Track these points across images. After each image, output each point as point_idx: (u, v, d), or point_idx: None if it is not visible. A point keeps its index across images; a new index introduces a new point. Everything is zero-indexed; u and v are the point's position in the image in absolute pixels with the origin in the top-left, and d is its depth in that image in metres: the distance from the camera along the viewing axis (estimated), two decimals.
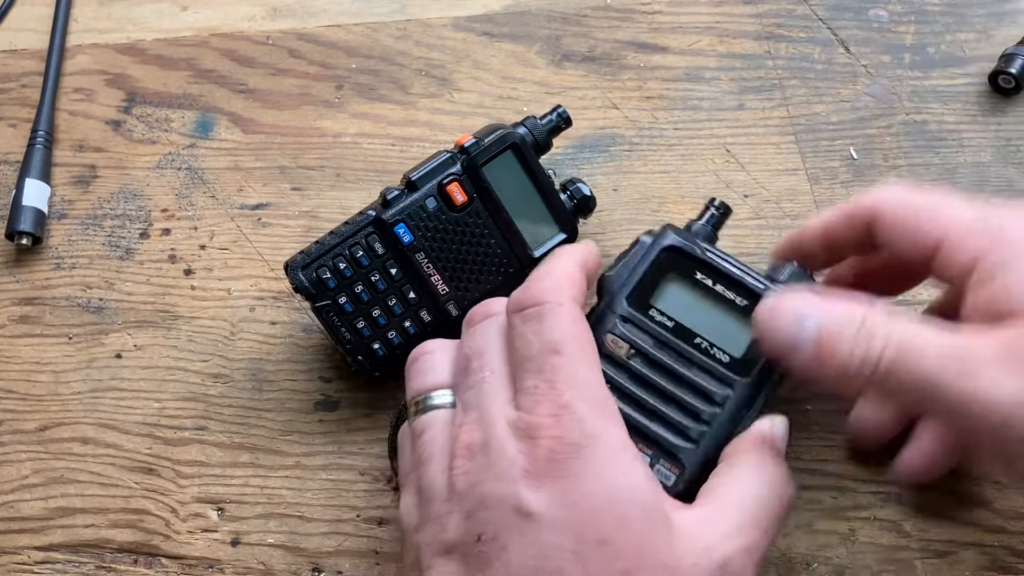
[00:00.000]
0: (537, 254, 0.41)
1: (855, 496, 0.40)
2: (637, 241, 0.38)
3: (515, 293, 0.34)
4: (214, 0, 0.53)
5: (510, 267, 0.41)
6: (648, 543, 0.29)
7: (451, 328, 0.37)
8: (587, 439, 0.30)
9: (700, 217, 0.40)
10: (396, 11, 0.52)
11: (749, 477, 0.33)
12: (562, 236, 0.41)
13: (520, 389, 0.32)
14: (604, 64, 0.49)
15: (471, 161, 0.40)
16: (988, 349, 0.28)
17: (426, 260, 0.40)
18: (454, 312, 0.40)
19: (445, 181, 0.40)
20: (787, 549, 0.39)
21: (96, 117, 0.50)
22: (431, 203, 0.40)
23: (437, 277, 0.40)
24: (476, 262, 0.40)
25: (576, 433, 0.30)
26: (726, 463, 0.34)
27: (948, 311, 0.36)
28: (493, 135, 0.40)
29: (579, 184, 0.42)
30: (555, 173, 0.41)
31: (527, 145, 0.40)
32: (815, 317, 0.31)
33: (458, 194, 0.40)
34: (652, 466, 0.35)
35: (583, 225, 0.44)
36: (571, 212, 0.41)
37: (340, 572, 0.40)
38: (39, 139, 0.48)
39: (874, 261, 0.37)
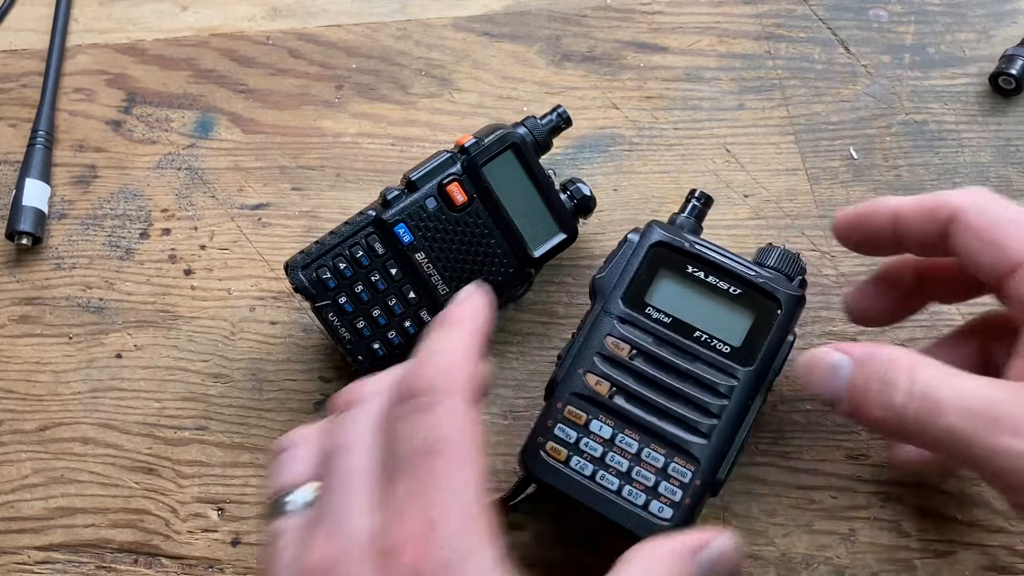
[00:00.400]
0: (537, 254, 0.40)
1: (855, 496, 0.40)
2: (625, 240, 0.38)
3: (403, 375, 0.30)
4: (214, 0, 0.53)
5: (510, 267, 0.40)
6: None
7: None
8: (458, 562, 0.27)
9: (683, 210, 0.40)
10: (396, 11, 0.52)
11: None
12: (562, 236, 0.41)
13: (389, 493, 0.28)
14: (604, 64, 0.49)
15: (471, 161, 0.40)
16: (1019, 403, 0.28)
17: (426, 260, 0.40)
18: None
19: (445, 181, 0.40)
20: (787, 549, 0.39)
21: (96, 117, 0.50)
22: (431, 203, 0.40)
23: (437, 277, 0.40)
24: (476, 262, 0.40)
25: (441, 556, 0.26)
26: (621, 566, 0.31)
27: (997, 331, 0.35)
28: (493, 135, 0.40)
29: (579, 184, 0.42)
30: (555, 173, 0.41)
31: (527, 145, 0.40)
32: (845, 369, 0.31)
33: (458, 194, 0.39)
34: (667, 468, 0.35)
35: (583, 225, 0.44)
36: (571, 212, 0.41)
37: None
38: (39, 139, 0.48)
39: (940, 264, 0.36)
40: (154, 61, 0.51)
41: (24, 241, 0.46)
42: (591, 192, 0.42)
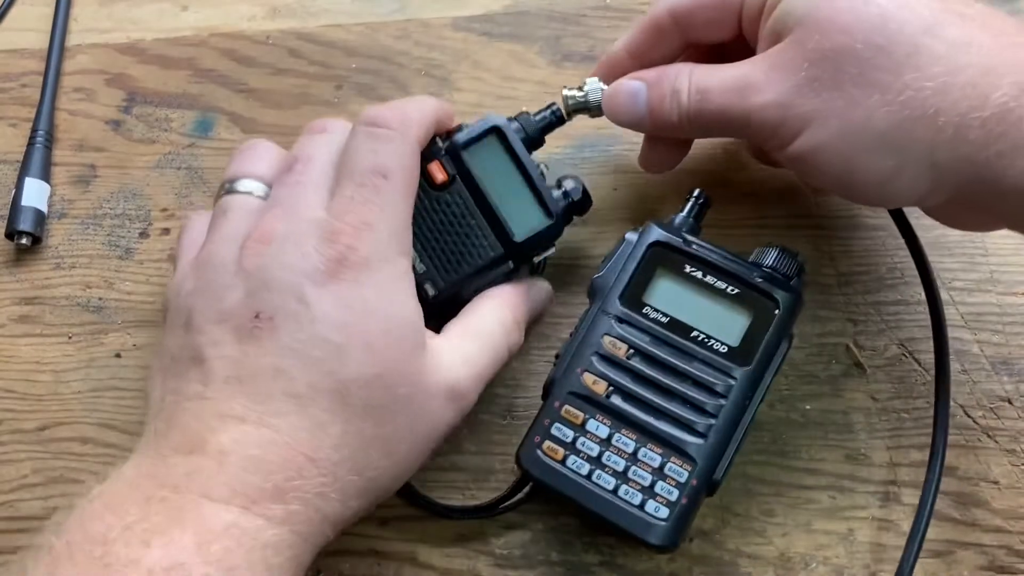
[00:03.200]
0: (520, 239, 0.39)
1: (854, 496, 0.40)
2: (623, 240, 0.39)
3: (372, 109, 0.36)
4: (214, 0, 0.53)
5: (491, 250, 0.39)
6: (404, 358, 0.33)
7: (426, 309, 0.37)
8: (378, 258, 0.33)
9: (682, 209, 0.40)
10: (396, 11, 0.52)
11: (486, 318, 0.37)
12: (548, 222, 0.39)
13: (337, 195, 0.34)
14: None
15: (453, 143, 0.39)
16: (763, 69, 0.34)
17: None
18: (430, 292, 0.38)
19: (427, 159, 0.39)
20: (786, 549, 0.39)
21: (96, 117, 0.50)
22: None
23: (413, 254, 0.38)
24: (456, 242, 0.39)
25: (371, 250, 0.33)
26: (477, 300, 0.38)
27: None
28: (478, 121, 0.40)
29: (571, 178, 0.40)
30: (547, 167, 0.40)
31: (511, 131, 0.39)
32: (643, 92, 0.38)
33: (438, 172, 0.39)
34: (663, 467, 0.35)
35: (582, 225, 0.44)
36: (562, 205, 0.40)
37: (340, 572, 0.40)
38: (39, 139, 0.48)
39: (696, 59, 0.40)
40: (154, 61, 0.51)
41: (24, 241, 0.46)
42: (583, 187, 0.40)
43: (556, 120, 0.42)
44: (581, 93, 0.41)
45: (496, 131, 0.39)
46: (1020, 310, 0.42)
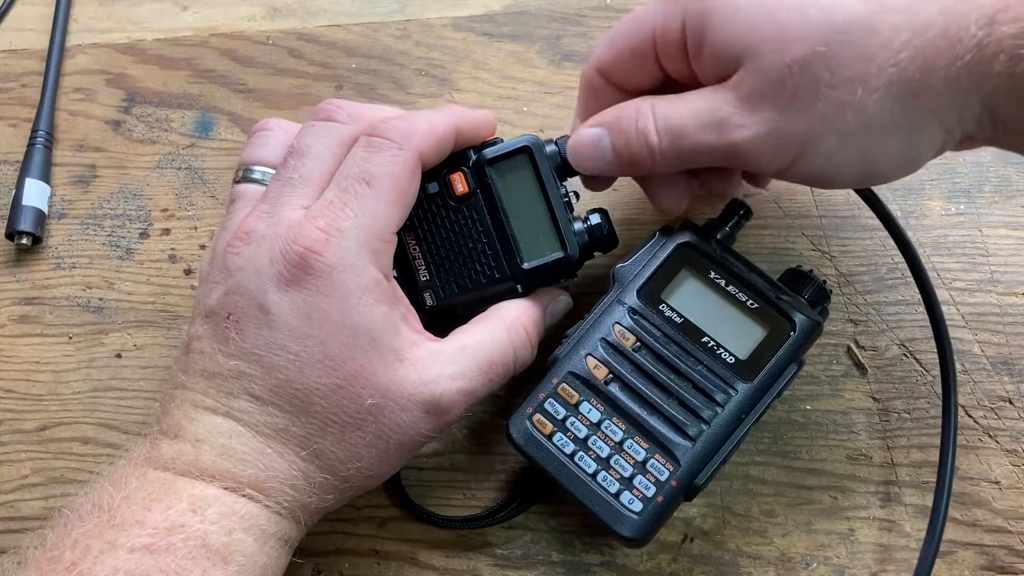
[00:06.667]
0: (527, 266, 0.37)
1: (855, 496, 0.40)
2: (654, 235, 0.39)
3: (380, 119, 0.36)
4: (214, 0, 0.53)
5: (496, 272, 0.38)
6: (368, 369, 0.33)
7: (424, 318, 0.36)
8: (343, 267, 0.33)
9: (720, 217, 0.40)
10: (396, 11, 0.52)
11: (494, 334, 0.36)
12: (559, 255, 0.37)
13: (321, 198, 0.34)
14: None
15: (480, 157, 0.38)
16: (728, 102, 0.32)
17: (413, 241, 0.38)
18: (428, 302, 0.38)
19: (451, 169, 0.38)
20: (786, 549, 0.39)
21: (96, 117, 0.50)
22: (433, 187, 0.38)
23: (420, 261, 0.38)
24: (463, 256, 0.38)
25: (335, 257, 0.32)
26: (490, 311, 0.37)
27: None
28: (514, 138, 0.38)
29: (598, 213, 0.38)
30: (577, 196, 0.39)
31: (541, 153, 0.38)
32: (604, 137, 0.36)
33: (459, 184, 0.38)
34: (646, 463, 0.35)
35: None
36: (582, 240, 0.38)
37: (340, 572, 0.40)
38: (39, 139, 0.48)
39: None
40: (154, 61, 0.51)
41: (24, 241, 0.46)
42: (609, 223, 0.38)
43: None
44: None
45: (527, 151, 0.38)
46: (1020, 310, 0.42)
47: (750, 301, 0.37)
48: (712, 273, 0.37)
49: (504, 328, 0.36)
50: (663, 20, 0.34)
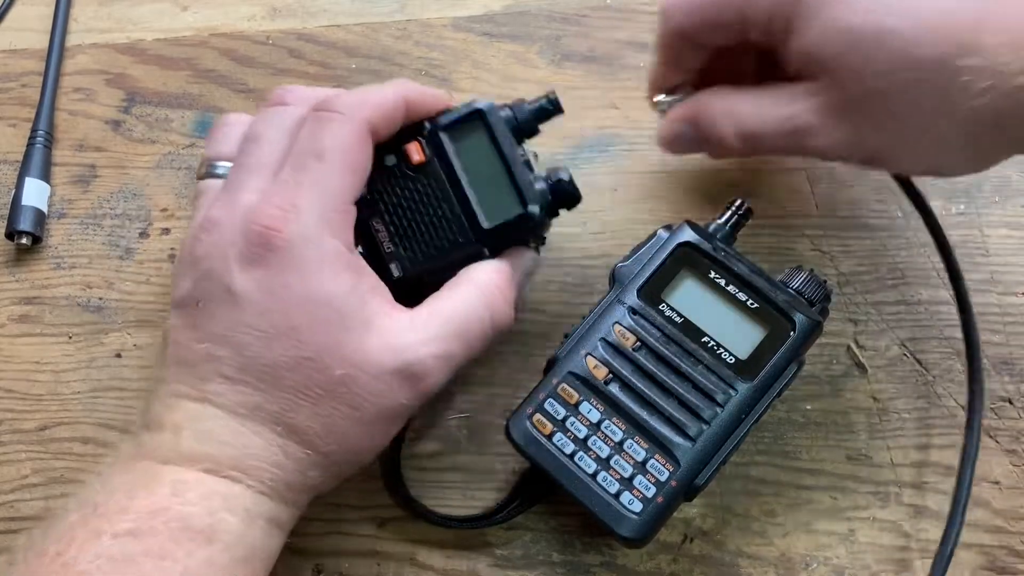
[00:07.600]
0: (487, 226, 0.37)
1: (855, 496, 0.40)
2: (654, 234, 0.39)
3: (326, 94, 0.36)
4: (214, 0, 0.53)
5: (460, 237, 0.38)
6: (334, 340, 0.33)
7: (393, 289, 0.36)
8: (302, 241, 0.33)
9: (720, 217, 0.40)
10: (396, 11, 0.52)
11: (465, 295, 0.36)
12: (519, 211, 0.37)
13: (275, 179, 0.34)
14: (604, 64, 0.49)
15: (434, 124, 0.38)
16: (807, 111, 0.34)
17: (375, 216, 0.38)
18: (396, 272, 0.38)
19: (407, 140, 0.38)
20: (787, 549, 0.39)
21: (96, 117, 0.50)
22: (390, 159, 0.38)
23: (384, 234, 0.38)
24: (426, 224, 0.38)
25: (293, 232, 0.33)
26: (458, 276, 0.37)
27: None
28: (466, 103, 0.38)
29: (561, 170, 0.38)
30: (536, 156, 0.39)
31: (495, 115, 0.38)
32: (688, 134, 0.38)
33: (415, 153, 0.38)
34: (646, 463, 0.35)
35: (583, 224, 0.44)
36: (545, 196, 0.38)
37: (340, 572, 0.40)
38: (39, 139, 0.48)
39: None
40: (154, 61, 0.51)
41: (24, 241, 0.46)
42: (571, 179, 0.38)
43: (551, 108, 0.39)
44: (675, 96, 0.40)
45: (479, 115, 0.38)
46: (1020, 310, 0.42)
47: (750, 301, 0.37)
48: (712, 273, 0.37)
49: (475, 288, 0.36)
50: (751, 5, 0.35)
